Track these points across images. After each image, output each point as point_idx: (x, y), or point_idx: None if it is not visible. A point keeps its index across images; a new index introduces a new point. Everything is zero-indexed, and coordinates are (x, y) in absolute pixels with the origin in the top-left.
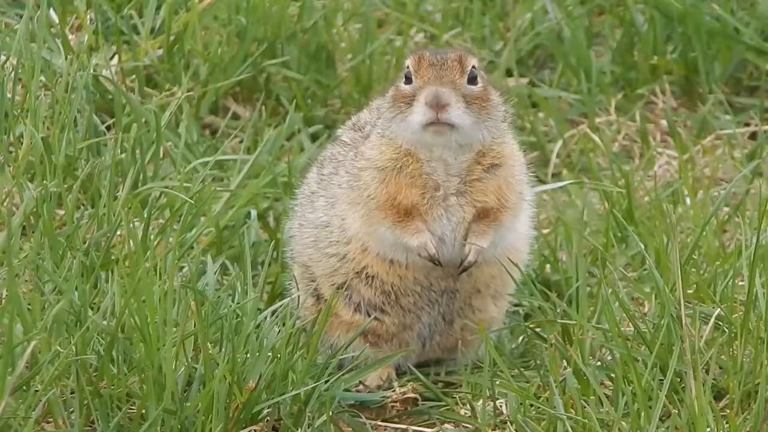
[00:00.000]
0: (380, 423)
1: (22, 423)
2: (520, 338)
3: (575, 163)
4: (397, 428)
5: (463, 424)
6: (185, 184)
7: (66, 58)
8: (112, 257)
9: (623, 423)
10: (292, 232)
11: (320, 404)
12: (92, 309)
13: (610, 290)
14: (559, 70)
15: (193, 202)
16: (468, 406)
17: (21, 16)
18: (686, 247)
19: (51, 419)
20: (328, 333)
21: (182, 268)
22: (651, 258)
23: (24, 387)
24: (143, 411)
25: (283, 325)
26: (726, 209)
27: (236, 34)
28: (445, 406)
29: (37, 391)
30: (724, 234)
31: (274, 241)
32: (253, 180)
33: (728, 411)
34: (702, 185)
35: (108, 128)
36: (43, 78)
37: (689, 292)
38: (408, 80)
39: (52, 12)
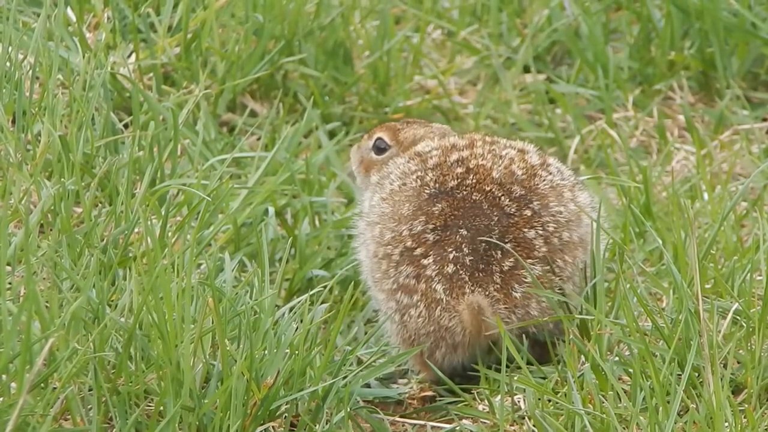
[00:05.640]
0: (398, 419)
1: (41, 420)
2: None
3: (593, 159)
4: (415, 424)
5: (481, 419)
6: (203, 182)
7: (83, 57)
8: (130, 254)
9: (641, 418)
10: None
11: (338, 400)
12: (110, 306)
13: (628, 285)
14: (576, 66)
15: (210, 199)
16: (486, 401)
17: (38, 15)
18: (704, 242)
19: (69, 416)
20: None
21: (200, 265)
22: (669, 253)
23: (42, 384)
24: (161, 408)
25: (301, 321)
26: (744, 204)
27: (253, 31)
28: (463, 401)
29: (55, 388)
30: (741, 229)
31: (291, 237)
32: (270, 177)
33: (746, 405)
34: (720, 180)
35: (125, 126)
36: (60, 76)
37: (707, 286)
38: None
39: (69, 10)
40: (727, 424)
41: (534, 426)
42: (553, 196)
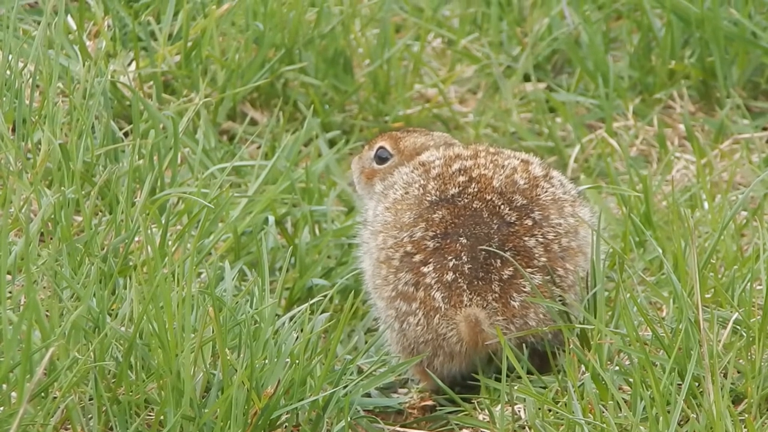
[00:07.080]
0: (399, 428)
1: (41, 429)
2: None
3: (593, 168)
4: None
5: (481, 429)
6: (203, 190)
7: (84, 65)
8: (130, 263)
9: (641, 428)
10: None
11: (338, 410)
12: (110, 315)
13: (628, 295)
14: (576, 75)
15: (211, 207)
16: (486, 411)
17: (39, 23)
18: (704, 252)
19: (69, 426)
20: None
21: (200, 274)
22: (669, 262)
23: (42, 393)
24: (161, 417)
25: (302, 330)
26: (744, 213)
27: (254, 39)
28: (463, 411)
29: (55, 397)
30: (741, 238)
31: (291, 246)
32: (270, 186)
33: (746, 415)
34: (720, 189)
35: (126, 134)
36: (60, 84)
37: (707, 296)
38: None
39: (69, 18)
40: None
41: None
42: (554, 209)
